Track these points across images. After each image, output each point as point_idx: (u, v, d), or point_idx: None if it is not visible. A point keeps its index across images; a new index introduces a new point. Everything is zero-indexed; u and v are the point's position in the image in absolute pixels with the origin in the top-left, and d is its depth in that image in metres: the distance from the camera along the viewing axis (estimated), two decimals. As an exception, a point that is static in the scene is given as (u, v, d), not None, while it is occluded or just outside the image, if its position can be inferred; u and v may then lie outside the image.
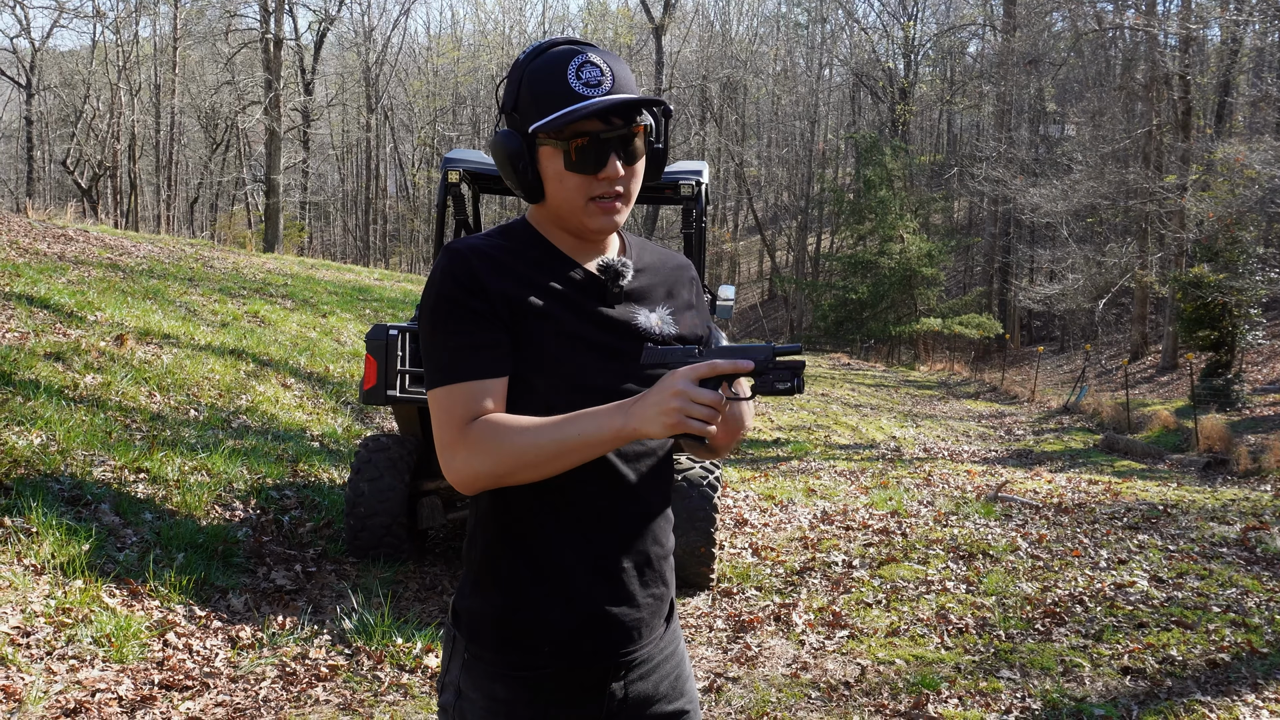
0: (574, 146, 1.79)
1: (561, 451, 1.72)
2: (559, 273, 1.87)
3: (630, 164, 1.85)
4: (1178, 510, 8.65)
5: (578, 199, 1.82)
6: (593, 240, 1.92)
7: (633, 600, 1.90)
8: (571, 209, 1.84)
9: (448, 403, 1.78)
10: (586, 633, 1.86)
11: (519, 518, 1.85)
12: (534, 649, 1.85)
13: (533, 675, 1.86)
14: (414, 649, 5.03)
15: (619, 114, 1.81)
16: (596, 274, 1.90)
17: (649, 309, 1.95)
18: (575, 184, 1.81)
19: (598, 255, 1.93)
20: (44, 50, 42.68)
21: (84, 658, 4.50)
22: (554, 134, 1.79)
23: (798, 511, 8.66)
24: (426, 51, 61.01)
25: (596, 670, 1.89)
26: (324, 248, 56.42)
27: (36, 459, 6.20)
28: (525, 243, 1.89)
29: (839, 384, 24.19)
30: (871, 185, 37.52)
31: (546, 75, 1.80)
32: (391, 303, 17.98)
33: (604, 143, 1.79)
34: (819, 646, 5.43)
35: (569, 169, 1.80)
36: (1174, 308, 24.02)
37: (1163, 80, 27.77)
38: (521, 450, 1.72)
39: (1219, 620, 5.71)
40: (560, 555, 1.85)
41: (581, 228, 1.86)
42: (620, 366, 1.88)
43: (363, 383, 5.99)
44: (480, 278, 1.79)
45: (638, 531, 1.91)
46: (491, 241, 1.87)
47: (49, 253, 13.67)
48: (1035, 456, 14.55)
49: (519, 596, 1.86)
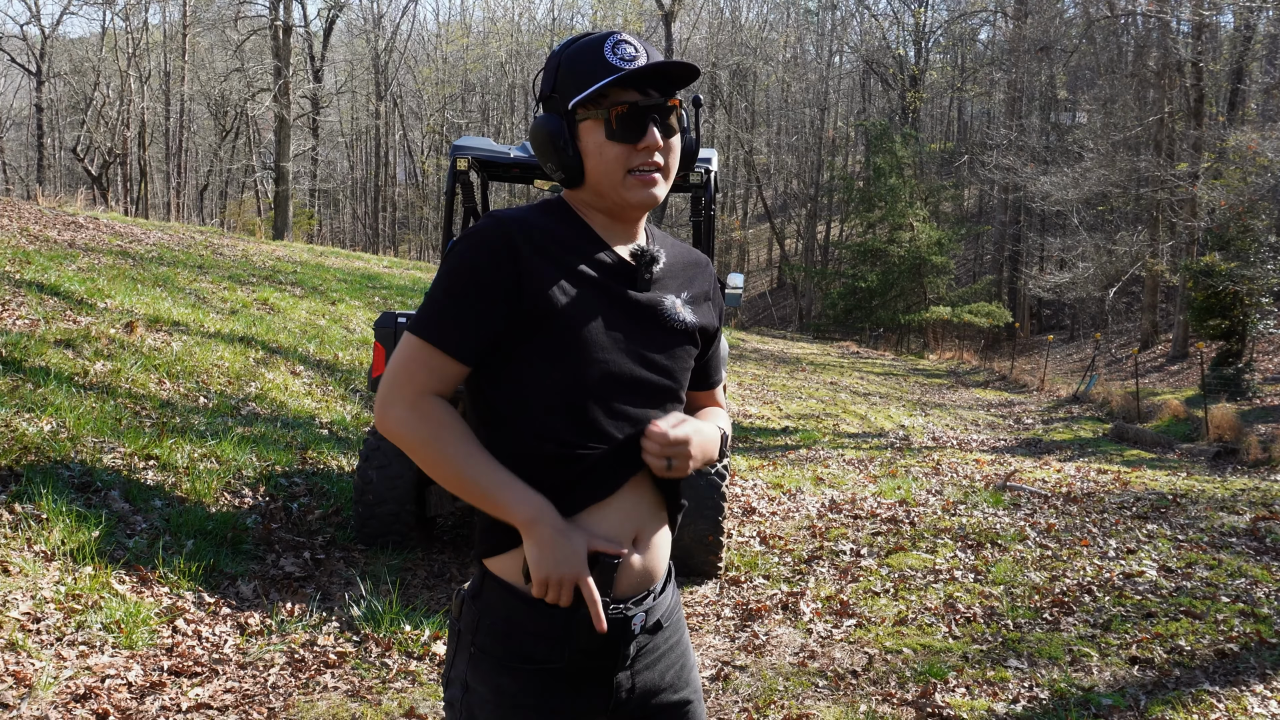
0: (614, 114, 1.82)
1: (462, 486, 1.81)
2: (591, 255, 1.89)
3: (669, 137, 1.88)
4: (1187, 500, 8.63)
5: (617, 171, 1.85)
6: (629, 219, 1.94)
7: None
8: (611, 183, 1.86)
9: (417, 355, 1.82)
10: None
11: None
12: (540, 640, 1.86)
13: (539, 667, 1.86)
14: (422, 636, 5.04)
15: (656, 85, 1.85)
16: (629, 260, 1.92)
17: (675, 296, 1.98)
18: (615, 154, 1.84)
19: (629, 241, 1.96)
20: (54, 37, 42.69)
21: (94, 644, 4.51)
22: (594, 105, 1.83)
23: (806, 500, 8.66)
24: (436, 38, 60.91)
25: (602, 659, 1.90)
26: (333, 235, 56.50)
27: (47, 446, 6.22)
28: (564, 221, 1.91)
29: (848, 372, 24.17)
30: (881, 173, 37.44)
31: (584, 55, 1.85)
32: (400, 290, 17.99)
33: (643, 111, 1.83)
34: (827, 635, 5.43)
35: (610, 138, 1.83)
36: (1185, 296, 23.95)
37: (1175, 67, 27.64)
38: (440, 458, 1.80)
39: (1228, 610, 5.70)
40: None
41: (621, 202, 1.88)
42: (641, 350, 1.89)
43: (371, 370, 6.00)
44: (519, 251, 1.81)
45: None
46: (534, 216, 1.89)
47: (59, 240, 13.71)
48: (1044, 445, 14.53)
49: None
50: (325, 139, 50.07)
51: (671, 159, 1.90)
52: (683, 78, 1.87)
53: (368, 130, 55.03)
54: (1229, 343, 19.67)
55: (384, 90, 49.09)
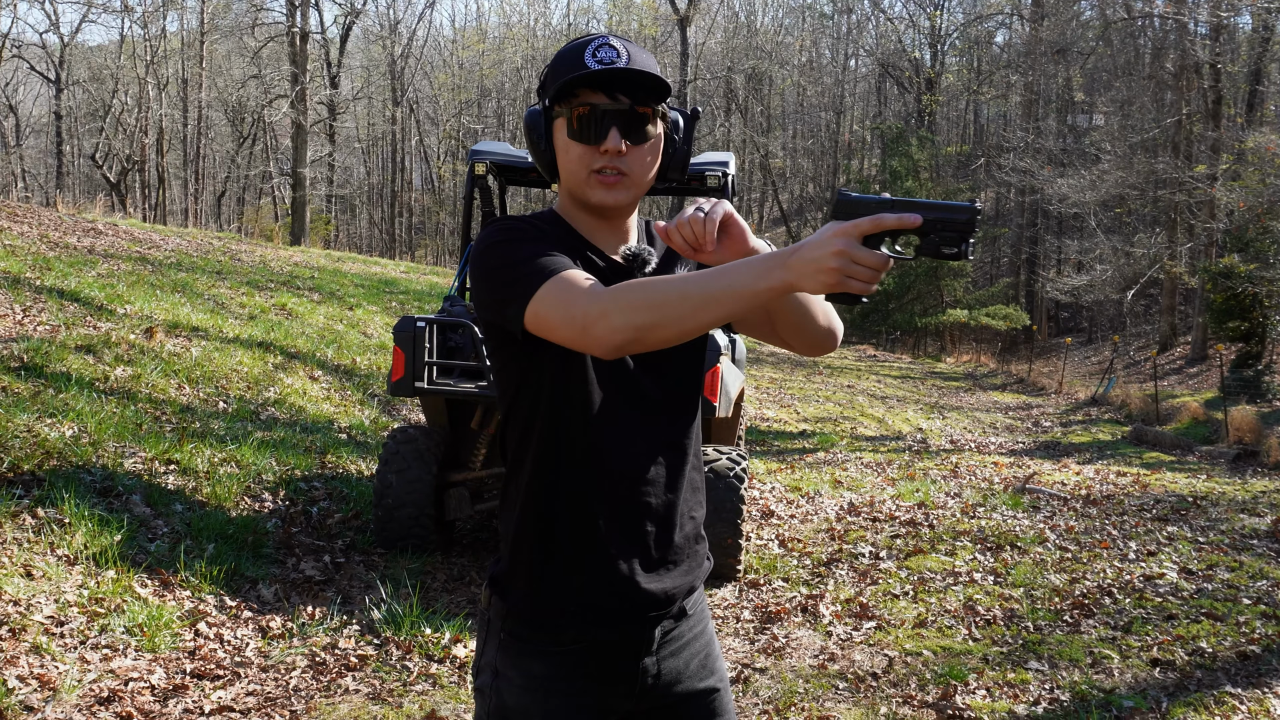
0: (575, 115, 1.84)
1: (707, 303, 1.60)
2: (584, 259, 1.89)
3: (636, 143, 1.86)
4: (1207, 502, 8.59)
5: (581, 170, 1.86)
6: (610, 219, 1.94)
7: (665, 572, 1.92)
8: (576, 181, 1.87)
9: (566, 285, 1.71)
10: (619, 605, 1.88)
11: (549, 489, 1.87)
12: (568, 624, 1.88)
13: (568, 651, 1.89)
14: (442, 639, 5.05)
15: (623, 90, 1.83)
16: (620, 261, 1.93)
17: None
18: (578, 154, 1.85)
19: (621, 242, 1.96)
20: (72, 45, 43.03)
21: (117, 647, 4.54)
22: (564, 103, 1.85)
23: (824, 503, 8.65)
24: (451, 44, 61.05)
25: (630, 644, 1.92)
26: (350, 240, 56.63)
27: (68, 450, 6.26)
28: (556, 227, 1.93)
29: (865, 375, 24.13)
30: (897, 176, 37.37)
31: (569, 54, 1.86)
32: (418, 295, 18.04)
33: (605, 114, 1.83)
34: (846, 637, 5.43)
35: (570, 137, 1.85)
36: (1203, 298, 23.85)
37: (1193, 69, 27.54)
38: (667, 301, 1.62)
39: (1249, 612, 5.67)
40: (592, 527, 1.87)
41: (586, 201, 1.89)
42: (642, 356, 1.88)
43: (390, 374, 6.01)
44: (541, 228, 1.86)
45: (670, 502, 1.93)
46: (533, 221, 1.91)
47: (79, 246, 13.79)
48: (1063, 448, 14.48)
49: (552, 570, 1.88)
50: (342, 145, 50.26)
51: (638, 166, 1.87)
52: (655, 88, 1.85)
53: (384, 136, 55.21)
54: (1248, 344, 19.58)
55: (400, 96, 49.22)
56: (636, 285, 1.65)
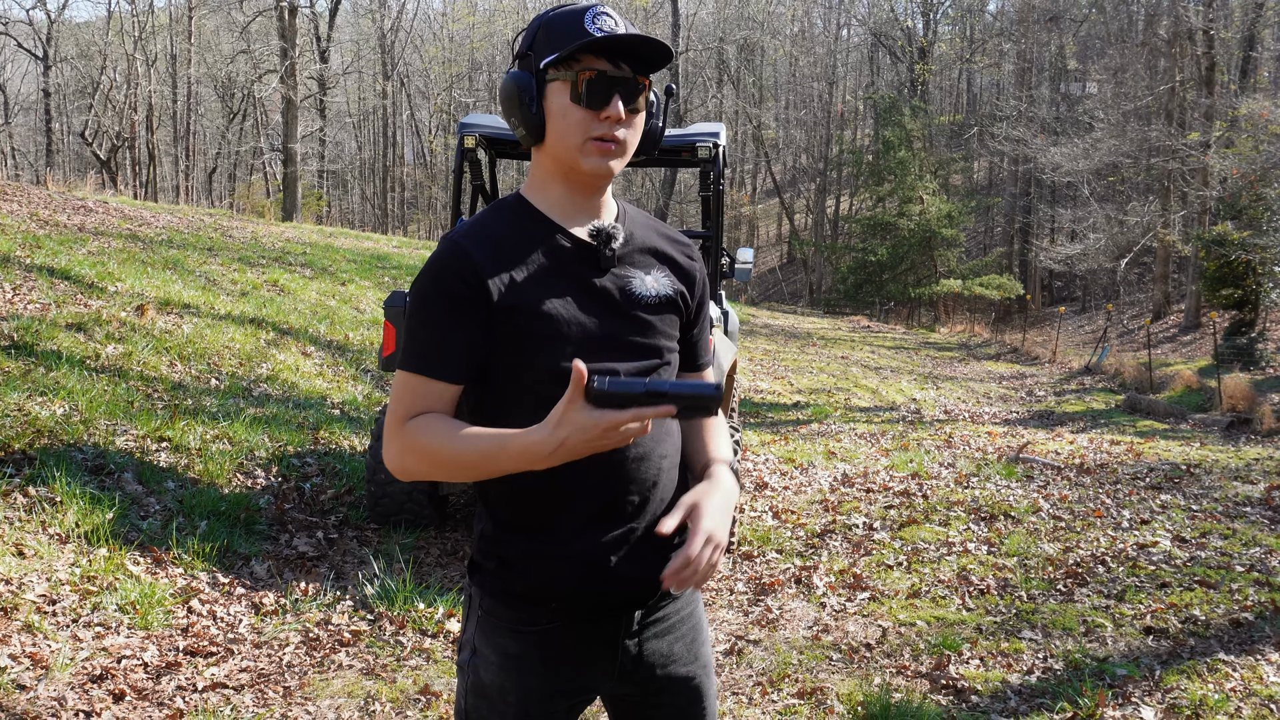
0: (582, 79, 1.82)
1: (481, 472, 1.79)
2: (550, 245, 1.88)
3: (634, 113, 1.88)
4: (1201, 470, 8.61)
5: (577, 136, 1.83)
6: (587, 189, 1.91)
7: (640, 554, 1.89)
8: (568, 147, 1.85)
9: (402, 389, 1.85)
10: (592, 587, 1.86)
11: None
12: (541, 603, 1.87)
13: (542, 630, 1.88)
14: (435, 614, 5.06)
15: (628, 60, 1.84)
16: (588, 240, 1.90)
17: (644, 272, 1.95)
18: (578, 119, 1.83)
19: (593, 217, 1.94)
20: (60, 22, 42.70)
21: (109, 625, 4.53)
22: (565, 67, 1.83)
23: (818, 474, 8.65)
24: (442, 17, 60.68)
25: (606, 625, 1.91)
26: (342, 216, 56.50)
27: (60, 429, 6.24)
28: (517, 216, 1.91)
29: (858, 346, 24.13)
30: (890, 146, 37.27)
31: (564, 19, 1.85)
32: (410, 270, 17.98)
33: (611, 81, 1.83)
34: (840, 609, 5.44)
35: (574, 101, 1.83)
36: (1197, 266, 23.84)
37: (1186, 35, 27.43)
38: (447, 463, 1.78)
39: (1242, 579, 5.69)
40: (566, 508, 1.85)
41: (575, 168, 1.86)
42: (616, 334, 1.88)
43: (381, 350, 5.99)
44: (478, 270, 1.81)
45: (647, 484, 1.90)
46: (486, 225, 1.89)
47: (69, 224, 13.72)
48: (1057, 417, 14.49)
49: (524, 550, 1.86)
50: (332, 120, 50.02)
51: (632, 135, 1.89)
52: (656, 59, 1.87)
53: (375, 110, 54.97)
54: (1242, 312, 19.58)
55: (391, 70, 48.99)
56: (434, 432, 1.78)
